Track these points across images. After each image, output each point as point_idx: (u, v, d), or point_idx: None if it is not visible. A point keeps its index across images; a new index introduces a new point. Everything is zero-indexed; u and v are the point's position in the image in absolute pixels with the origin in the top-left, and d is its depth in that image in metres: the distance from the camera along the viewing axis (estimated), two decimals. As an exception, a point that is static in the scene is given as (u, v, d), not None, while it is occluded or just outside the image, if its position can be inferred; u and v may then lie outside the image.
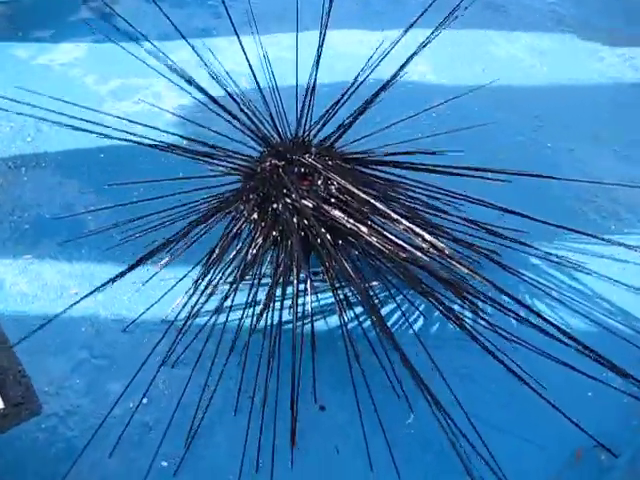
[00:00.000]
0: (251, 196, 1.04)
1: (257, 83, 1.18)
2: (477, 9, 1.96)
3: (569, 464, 0.95)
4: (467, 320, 1.02)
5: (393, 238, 0.96)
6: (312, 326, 1.02)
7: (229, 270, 1.05)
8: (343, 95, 1.14)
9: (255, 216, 1.04)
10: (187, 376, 1.00)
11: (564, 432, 0.93)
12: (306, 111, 1.12)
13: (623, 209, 1.33)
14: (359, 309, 1.09)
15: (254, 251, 1.03)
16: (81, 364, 1.03)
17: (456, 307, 1.07)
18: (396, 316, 1.11)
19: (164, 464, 0.92)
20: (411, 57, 1.16)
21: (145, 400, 0.98)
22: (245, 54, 1.16)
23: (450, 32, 1.83)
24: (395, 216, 0.96)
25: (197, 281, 1.04)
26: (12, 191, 1.31)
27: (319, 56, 1.12)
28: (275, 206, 1.02)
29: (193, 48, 1.26)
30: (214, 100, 1.14)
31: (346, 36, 1.79)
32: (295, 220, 0.99)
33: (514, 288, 1.14)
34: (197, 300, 1.02)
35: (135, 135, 1.12)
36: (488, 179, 1.06)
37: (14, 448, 0.94)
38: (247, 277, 1.04)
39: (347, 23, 1.83)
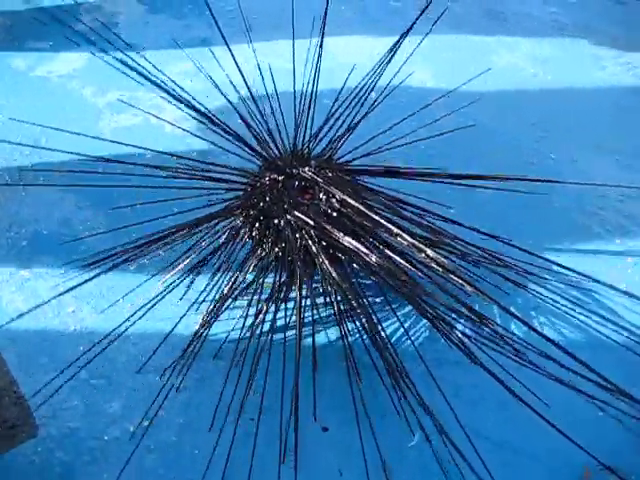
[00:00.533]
0: (251, 212, 1.02)
1: (253, 95, 1.16)
2: (477, 17, 1.95)
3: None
4: (470, 337, 1.00)
5: (394, 257, 0.95)
6: (314, 345, 1.01)
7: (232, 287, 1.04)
8: (337, 107, 1.13)
9: (255, 233, 1.02)
10: (188, 397, 0.99)
11: (572, 452, 0.91)
12: (305, 123, 1.11)
13: (628, 221, 1.31)
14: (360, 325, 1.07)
15: (255, 268, 1.02)
16: (79, 384, 1.01)
17: (459, 326, 1.05)
18: (398, 332, 1.10)
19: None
20: (404, 63, 1.15)
21: (146, 422, 0.96)
22: (238, 66, 1.15)
23: (450, 41, 1.83)
24: (395, 230, 0.94)
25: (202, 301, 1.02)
26: (10, 206, 1.29)
27: (318, 68, 1.11)
28: (276, 222, 1.00)
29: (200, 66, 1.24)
30: (211, 118, 1.12)
31: (345, 45, 1.78)
32: (296, 236, 0.98)
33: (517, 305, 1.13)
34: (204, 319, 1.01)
35: (134, 147, 1.11)
36: (489, 188, 1.05)
37: (11, 471, 0.92)
38: (248, 295, 1.03)
39: (346, 32, 1.82)
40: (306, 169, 1.03)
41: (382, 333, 0.99)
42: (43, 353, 0.98)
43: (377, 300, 1.12)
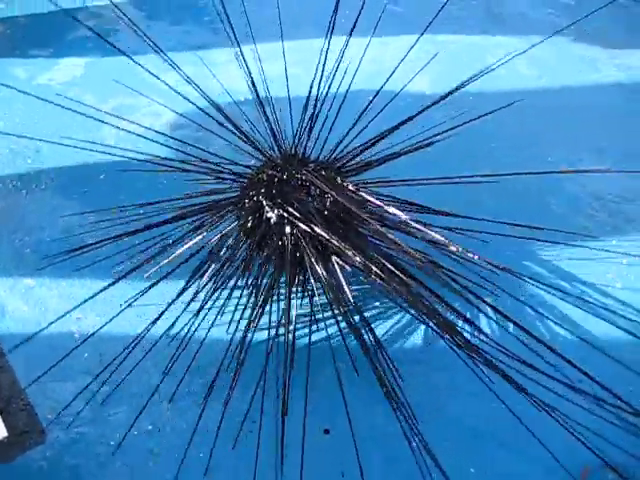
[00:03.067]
0: (247, 204, 1.03)
1: (257, 97, 1.17)
2: (474, 21, 1.97)
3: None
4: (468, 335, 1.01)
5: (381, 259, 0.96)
6: (309, 347, 1.02)
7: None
8: (332, 112, 1.14)
9: (249, 225, 1.03)
10: (193, 401, 1.00)
11: (572, 450, 0.93)
12: (305, 126, 1.12)
13: (624, 223, 1.33)
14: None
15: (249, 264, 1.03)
16: (85, 391, 1.02)
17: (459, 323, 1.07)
18: (396, 331, 1.12)
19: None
20: (397, 66, 1.16)
21: (150, 426, 0.98)
22: (248, 68, 1.16)
23: (448, 44, 1.84)
24: (385, 232, 0.95)
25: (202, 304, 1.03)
26: (13, 214, 1.31)
27: (322, 72, 1.12)
28: (269, 215, 1.01)
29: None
30: (224, 112, 1.13)
31: (349, 49, 1.79)
32: (288, 230, 0.99)
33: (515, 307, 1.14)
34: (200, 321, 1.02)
35: (135, 152, 1.12)
36: (479, 182, 1.06)
37: (20, 476, 0.94)
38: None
39: (354, 38, 1.83)
40: (303, 170, 1.03)
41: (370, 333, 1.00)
42: (49, 360, 0.99)
43: (377, 303, 1.14)
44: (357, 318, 1.03)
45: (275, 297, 1.07)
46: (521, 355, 0.92)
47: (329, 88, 1.13)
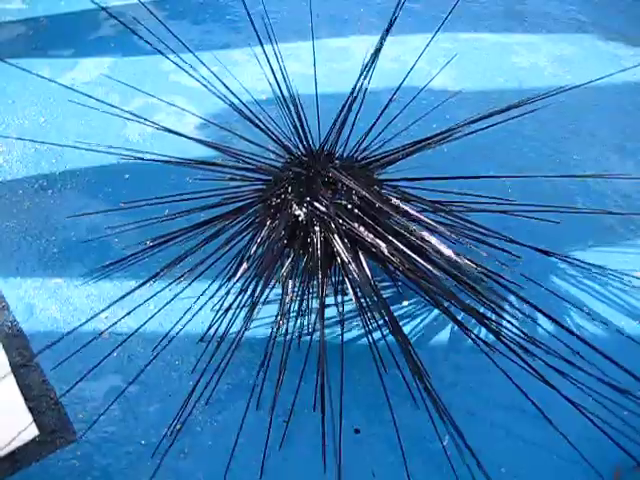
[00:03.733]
0: (273, 201, 1.03)
1: (280, 97, 1.17)
2: (497, 19, 1.95)
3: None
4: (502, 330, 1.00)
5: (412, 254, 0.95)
6: (342, 345, 1.02)
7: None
8: (346, 108, 1.13)
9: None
10: (222, 400, 1.00)
11: (603, 451, 0.93)
12: (332, 126, 1.11)
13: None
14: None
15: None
16: (114, 390, 1.02)
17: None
18: (424, 329, 1.11)
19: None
20: (416, 61, 1.15)
21: (179, 426, 0.98)
22: (279, 65, 1.16)
23: (470, 42, 1.83)
24: (412, 226, 0.94)
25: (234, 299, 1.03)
26: (39, 214, 1.31)
27: (369, 72, 1.11)
28: (298, 213, 1.00)
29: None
30: (250, 110, 1.13)
31: (367, 48, 1.78)
32: (317, 229, 0.98)
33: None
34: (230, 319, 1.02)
35: (159, 155, 1.12)
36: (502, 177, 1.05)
37: (50, 476, 0.94)
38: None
39: (369, 36, 1.82)
40: (329, 167, 1.03)
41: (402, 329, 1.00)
42: (78, 359, 0.99)
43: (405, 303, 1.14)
44: (386, 317, 1.02)
45: (304, 296, 1.06)
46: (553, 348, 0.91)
47: (356, 89, 1.12)
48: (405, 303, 1.15)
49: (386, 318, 0.97)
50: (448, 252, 0.93)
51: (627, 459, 0.91)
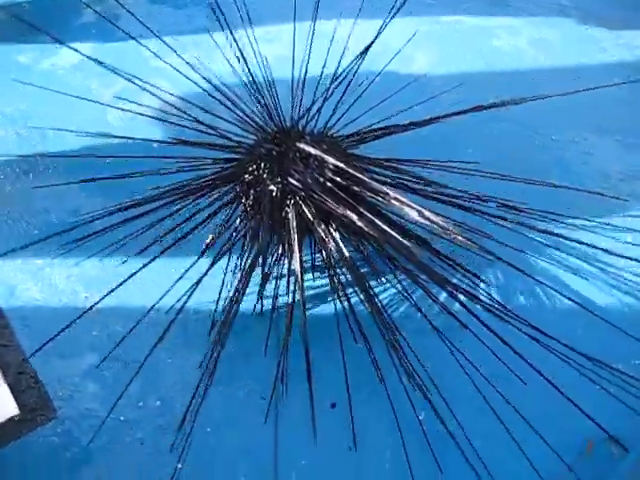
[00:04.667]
0: (246, 177, 1.04)
1: (251, 77, 1.17)
2: (477, 2, 1.96)
3: (580, 455, 0.96)
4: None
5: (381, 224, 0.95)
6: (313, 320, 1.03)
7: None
8: (333, 87, 1.14)
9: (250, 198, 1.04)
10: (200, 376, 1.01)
11: (576, 425, 0.94)
12: (299, 101, 1.12)
13: (629, 200, 1.33)
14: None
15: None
16: (93, 367, 1.04)
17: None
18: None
19: (179, 466, 0.93)
20: (377, 36, 1.16)
21: (158, 402, 0.99)
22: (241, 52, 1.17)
23: (451, 25, 1.84)
24: (387, 190, 0.93)
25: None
26: (20, 198, 1.32)
27: (311, 47, 1.12)
28: (270, 189, 1.01)
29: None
30: (225, 94, 1.14)
31: (348, 30, 1.79)
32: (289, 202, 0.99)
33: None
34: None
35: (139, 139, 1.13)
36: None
37: (29, 453, 0.95)
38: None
39: (350, 17, 1.83)
40: (301, 141, 1.03)
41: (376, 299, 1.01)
42: (58, 338, 1.00)
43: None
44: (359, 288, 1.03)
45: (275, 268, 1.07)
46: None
47: (332, 68, 1.13)
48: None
49: (360, 288, 0.98)
50: (422, 211, 0.91)
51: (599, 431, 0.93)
